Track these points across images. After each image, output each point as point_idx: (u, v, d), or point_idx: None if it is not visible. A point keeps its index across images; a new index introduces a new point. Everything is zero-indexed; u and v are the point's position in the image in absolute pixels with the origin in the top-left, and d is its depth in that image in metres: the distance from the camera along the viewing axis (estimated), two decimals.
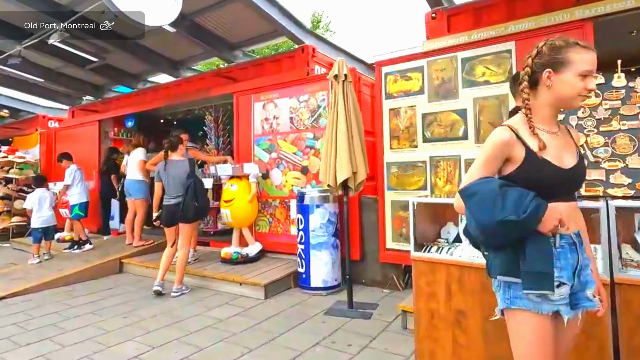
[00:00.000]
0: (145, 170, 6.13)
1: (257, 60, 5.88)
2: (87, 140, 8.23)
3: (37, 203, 6.03)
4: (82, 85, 8.16)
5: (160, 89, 7.20)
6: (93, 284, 5.05)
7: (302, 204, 4.44)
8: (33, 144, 9.79)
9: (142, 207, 6.16)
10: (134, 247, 6.04)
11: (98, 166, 8.05)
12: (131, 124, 8.04)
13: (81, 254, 6.07)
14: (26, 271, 5.40)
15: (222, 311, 3.90)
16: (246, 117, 5.69)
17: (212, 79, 6.33)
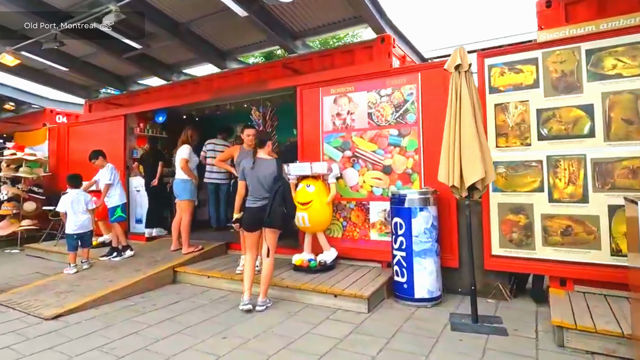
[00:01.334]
0: (189, 169, 5.58)
1: (325, 51, 5.44)
2: (110, 136, 7.55)
3: (70, 206, 5.38)
4: (106, 76, 7.45)
5: (202, 81, 6.63)
6: (153, 297, 4.49)
7: (401, 207, 4.04)
8: (40, 140, 9.00)
9: (188, 210, 5.62)
10: (184, 255, 5.48)
11: (124, 165, 7.42)
12: (162, 119, 7.42)
13: (124, 262, 5.46)
14: (69, 282, 4.77)
15: (330, 328, 3.45)
16: (313, 112, 5.24)
17: (268, 70, 5.84)
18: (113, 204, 5.72)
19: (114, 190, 5.76)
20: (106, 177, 5.75)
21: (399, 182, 4.65)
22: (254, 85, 5.91)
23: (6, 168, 8.04)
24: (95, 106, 8.25)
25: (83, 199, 5.48)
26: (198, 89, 6.57)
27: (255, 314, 3.85)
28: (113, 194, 5.74)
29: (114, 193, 5.75)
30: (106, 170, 5.81)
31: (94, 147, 7.84)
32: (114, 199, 5.74)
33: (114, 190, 5.76)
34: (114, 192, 5.75)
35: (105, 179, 5.74)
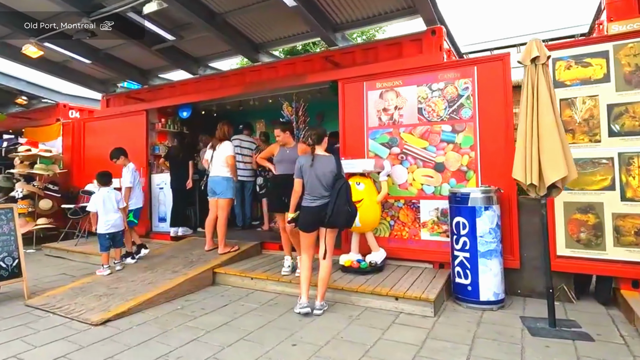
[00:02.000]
0: (234, 166, 5.38)
1: (368, 44, 5.23)
2: (131, 132, 7.30)
3: (102, 205, 5.15)
4: (129, 69, 7.17)
5: (232, 75, 6.40)
6: (198, 300, 4.28)
7: (464, 206, 3.87)
8: (53, 135, 8.70)
9: (227, 209, 5.40)
10: (220, 255, 5.27)
11: (146, 162, 7.18)
12: (187, 114, 7.18)
13: (159, 262, 5.23)
14: (106, 285, 4.54)
15: (402, 333, 3.28)
16: (356, 107, 5.06)
17: (305, 64, 5.64)
18: (129, 207, 5.49)
19: (132, 193, 5.52)
20: (127, 179, 5.51)
21: (452, 180, 4.48)
22: (290, 79, 5.70)
23: (20, 165, 7.75)
24: (113, 101, 7.98)
25: (114, 197, 5.23)
26: (228, 83, 6.34)
27: (314, 317, 3.67)
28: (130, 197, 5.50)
29: (131, 196, 5.51)
30: (127, 171, 5.56)
31: (112, 143, 7.61)
32: (130, 203, 5.51)
33: (132, 193, 5.52)
34: (131, 195, 5.51)
35: (126, 182, 5.49)
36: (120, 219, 5.22)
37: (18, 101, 8.86)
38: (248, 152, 7.37)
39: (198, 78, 6.79)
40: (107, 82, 8.03)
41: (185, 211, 6.89)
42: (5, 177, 8.04)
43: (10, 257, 4.40)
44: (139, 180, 5.99)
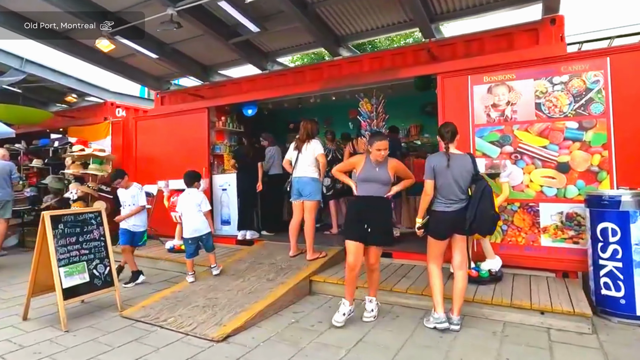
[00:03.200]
0: (325, 166, 5.05)
1: (472, 35, 4.86)
2: (189, 130, 6.99)
3: (187, 207, 4.84)
4: (190, 65, 6.83)
5: (308, 70, 6.06)
6: (307, 311, 3.95)
7: (613, 211, 3.51)
8: (101, 134, 8.40)
9: (314, 211, 5.07)
10: (309, 261, 4.93)
11: (208, 162, 6.85)
12: (252, 112, 6.86)
13: (247, 269, 4.89)
14: (202, 295, 4.21)
15: (575, 356, 2.92)
16: (459, 102, 4.70)
17: (395, 57, 5.30)
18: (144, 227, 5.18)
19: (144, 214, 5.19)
20: (143, 198, 5.13)
21: (579, 181, 4.11)
22: (376, 73, 5.37)
23: (73, 165, 7.44)
24: (168, 98, 7.66)
25: (196, 199, 4.90)
26: (303, 79, 6.00)
27: (454, 333, 3.32)
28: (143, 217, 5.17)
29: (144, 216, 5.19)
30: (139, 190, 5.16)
31: (167, 142, 7.33)
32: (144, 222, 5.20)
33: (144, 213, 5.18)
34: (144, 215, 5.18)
35: (143, 200, 5.12)
36: (203, 223, 4.88)
37: (68, 99, 8.56)
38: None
39: (268, 74, 6.44)
40: (161, 79, 7.72)
41: (252, 214, 6.57)
42: (57, 178, 7.74)
43: (102, 265, 4.08)
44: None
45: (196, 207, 4.85)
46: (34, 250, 3.83)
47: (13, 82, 7.05)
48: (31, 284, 3.85)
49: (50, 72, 7.60)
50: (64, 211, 3.99)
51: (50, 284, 3.99)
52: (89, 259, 3.98)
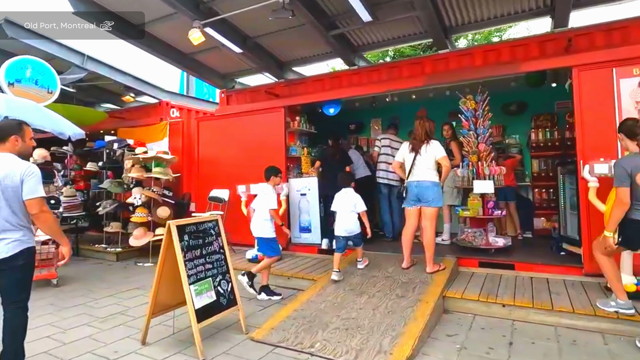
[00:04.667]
0: (449, 169, 4.60)
1: (613, 23, 4.42)
2: (262, 131, 6.53)
3: (342, 205, 4.82)
4: (268, 60, 6.37)
5: (405, 65, 5.60)
6: (460, 333, 3.47)
7: None
8: (158, 136, 7.97)
9: (435, 219, 4.60)
10: (429, 274, 4.46)
11: (285, 165, 6.39)
12: (334, 111, 6.41)
13: (363, 284, 4.41)
14: (329, 313, 3.74)
15: None
16: (600, 98, 4.25)
17: (515, 50, 4.85)
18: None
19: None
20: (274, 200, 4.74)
21: None
22: (491, 67, 4.92)
23: (136, 168, 6.98)
24: (235, 97, 7.21)
25: (353, 198, 4.81)
26: (400, 74, 5.55)
27: None
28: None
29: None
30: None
31: (236, 144, 6.87)
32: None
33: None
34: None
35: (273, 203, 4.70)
36: (356, 223, 4.78)
37: (125, 98, 8.13)
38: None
39: (356, 70, 5.98)
40: (227, 77, 7.28)
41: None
42: (116, 182, 7.29)
43: (225, 281, 3.62)
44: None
45: (351, 207, 4.77)
46: (157, 265, 3.37)
47: (75, 80, 6.63)
48: (152, 304, 3.38)
49: (109, 70, 7.19)
50: (185, 220, 3.52)
51: (169, 303, 3.55)
52: (213, 274, 3.51)
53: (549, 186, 6.58)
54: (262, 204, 4.62)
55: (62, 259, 2.91)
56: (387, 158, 6.42)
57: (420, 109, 7.78)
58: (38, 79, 6.12)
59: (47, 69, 6.21)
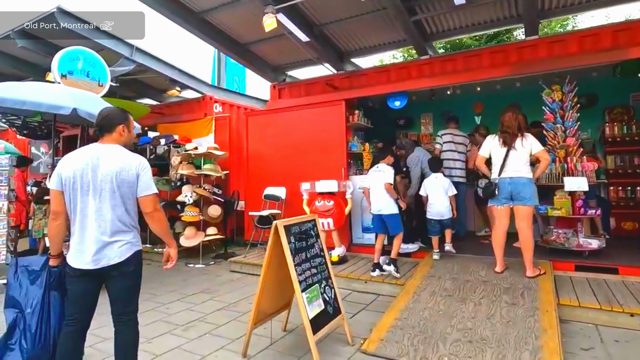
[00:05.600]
0: (546, 166, 4.24)
1: None
2: (321, 126, 6.20)
3: (433, 190, 5.13)
4: (329, 50, 6.01)
5: (487, 54, 5.19)
6: (597, 347, 3.09)
7: None
8: (203, 132, 7.66)
9: (531, 218, 4.23)
10: (528, 278, 4.09)
11: (346, 161, 6.05)
12: (400, 104, 6.05)
13: (461, 290, 4.05)
14: (442, 323, 3.38)
15: None
16: None
17: (619, 35, 4.45)
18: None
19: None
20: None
21: None
22: (589, 55, 4.53)
23: (185, 165, 6.67)
24: (288, 91, 6.87)
25: (443, 183, 5.07)
26: (480, 63, 5.17)
27: None
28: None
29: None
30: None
31: (289, 140, 6.52)
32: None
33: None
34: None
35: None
36: (448, 207, 5.04)
37: (171, 92, 7.82)
38: (463, 148, 6.22)
39: (427, 60, 5.60)
40: (278, 69, 6.94)
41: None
42: (164, 179, 6.99)
43: (328, 287, 3.28)
44: None
45: (444, 191, 5.03)
46: (262, 271, 3.03)
47: (123, 72, 6.33)
48: (255, 313, 3.05)
49: (156, 62, 6.89)
50: (289, 220, 3.17)
51: (267, 311, 3.23)
52: (318, 280, 3.18)
53: (626, 184, 6.18)
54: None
55: (171, 262, 2.59)
56: (451, 154, 6.07)
57: (477, 103, 7.45)
58: (89, 70, 5.83)
59: (98, 60, 5.91)
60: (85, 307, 2.37)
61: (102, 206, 2.30)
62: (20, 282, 2.43)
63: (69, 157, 2.37)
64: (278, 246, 3.00)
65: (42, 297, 2.40)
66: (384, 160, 4.85)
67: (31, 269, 2.45)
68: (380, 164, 4.84)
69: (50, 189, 2.36)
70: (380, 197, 4.71)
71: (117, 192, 2.32)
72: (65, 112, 4.03)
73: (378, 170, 4.82)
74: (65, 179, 2.30)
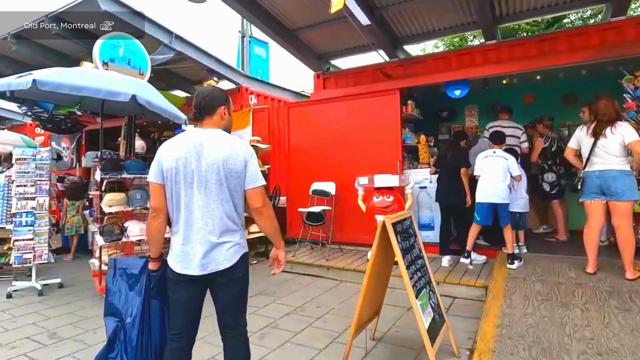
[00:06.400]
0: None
1: None
2: (371, 118, 5.83)
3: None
4: (384, 37, 5.62)
5: (563, 36, 4.84)
6: None
7: None
8: (241, 124, 7.30)
9: (630, 215, 3.86)
10: (629, 280, 3.74)
11: (401, 155, 5.69)
12: (460, 93, 5.67)
13: (569, 293, 3.70)
14: (561, 334, 3.03)
15: None
16: None
17: None
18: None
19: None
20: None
21: None
22: None
23: None
24: (334, 81, 6.51)
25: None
26: (555, 48, 4.80)
27: None
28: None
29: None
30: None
31: (335, 132, 6.16)
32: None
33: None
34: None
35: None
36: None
37: (208, 83, 7.46)
38: (513, 140, 5.81)
39: (494, 45, 5.22)
40: (322, 57, 6.58)
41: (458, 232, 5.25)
42: None
43: (432, 292, 2.93)
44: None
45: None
46: (366, 273, 2.69)
47: (164, 60, 5.98)
48: (357, 320, 2.71)
49: (195, 51, 6.52)
50: (394, 217, 2.82)
51: (364, 320, 2.89)
52: (423, 284, 2.83)
53: None
54: (501, 168, 4.36)
55: (278, 266, 2.26)
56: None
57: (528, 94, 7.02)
58: (130, 58, 5.49)
59: (139, 47, 5.57)
60: (191, 319, 2.05)
61: (209, 201, 1.97)
62: (119, 287, 2.11)
63: (169, 145, 2.04)
64: (382, 248, 2.67)
65: (142, 305, 2.08)
66: (498, 145, 4.58)
67: (130, 273, 2.13)
68: (495, 149, 4.53)
69: (149, 182, 2.03)
70: (497, 185, 4.35)
71: (225, 184, 1.99)
72: (123, 99, 3.70)
73: (495, 155, 4.47)
74: (167, 170, 1.97)
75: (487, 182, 4.42)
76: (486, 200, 4.39)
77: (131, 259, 2.19)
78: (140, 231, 4.31)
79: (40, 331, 3.55)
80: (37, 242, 4.75)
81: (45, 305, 4.28)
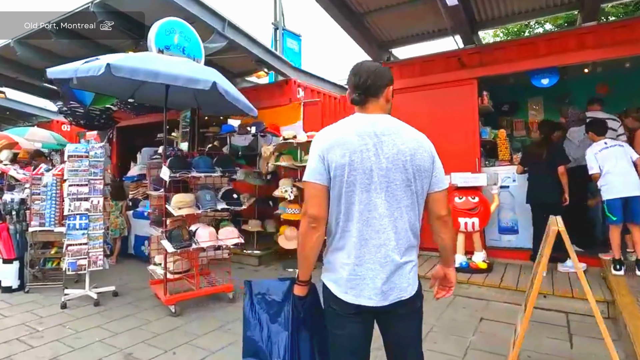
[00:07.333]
0: None
1: None
2: (443, 110, 5.33)
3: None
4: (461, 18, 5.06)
5: None
6: None
7: None
8: (291, 119, 6.83)
9: None
10: None
11: (479, 150, 5.17)
12: (548, 82, 5.11)
13: None
14: None
15: None
16: None
17: None
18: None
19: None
20: None
21: None
22: None
23: (284, 156, 5.87)
24: (398, 71, 5.98)
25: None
26: None
27: None
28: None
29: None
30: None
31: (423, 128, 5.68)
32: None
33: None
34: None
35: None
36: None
37: (258, 74, 7.03)
38: (611, 133, 5.23)
39: (592, 27, 4.63)
40: (383, 46, 6.08)
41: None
42: (255, 172, 6.23)
43: None
44: None
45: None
46: (528, 299, 2.19)
47: (217, 49, 5.54)
48: (520, 338, 2.21)
49: (247, 40, 6.06)
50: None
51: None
52: None
53: None
54: (624, 157, 3.96)
55: (448, 290, 1.77)
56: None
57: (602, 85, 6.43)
58: (185, 46, 5.02)
59: (193, 35, 5.11)
60: None
61: (393, 208, 1.49)
62: (259, 317, 1.64)
63: (332, 135, 1.57)
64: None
65: (291, 344, 1.61)
66: (602, 137, 4.25)
67: (270, 300, 1.67)
68: (606, 140, 4.17)
69: (307, 183, 1.55)
70: (629, 176, 3.91)
71: (413, 186, 1.51)
72: (203, 87, 3.27)
73: (609, 145, 4.07)
74: (336, 167, 1.49)
75: (615, 176, 3.93)
76: (619, 196, 3.89)
77: (271, 281, 1.72)
78: (210, 236, 3.87)
79: (112, 351, 3.13)
80: (92, 247, 4.35)
81: (105, 317, 3.87)
